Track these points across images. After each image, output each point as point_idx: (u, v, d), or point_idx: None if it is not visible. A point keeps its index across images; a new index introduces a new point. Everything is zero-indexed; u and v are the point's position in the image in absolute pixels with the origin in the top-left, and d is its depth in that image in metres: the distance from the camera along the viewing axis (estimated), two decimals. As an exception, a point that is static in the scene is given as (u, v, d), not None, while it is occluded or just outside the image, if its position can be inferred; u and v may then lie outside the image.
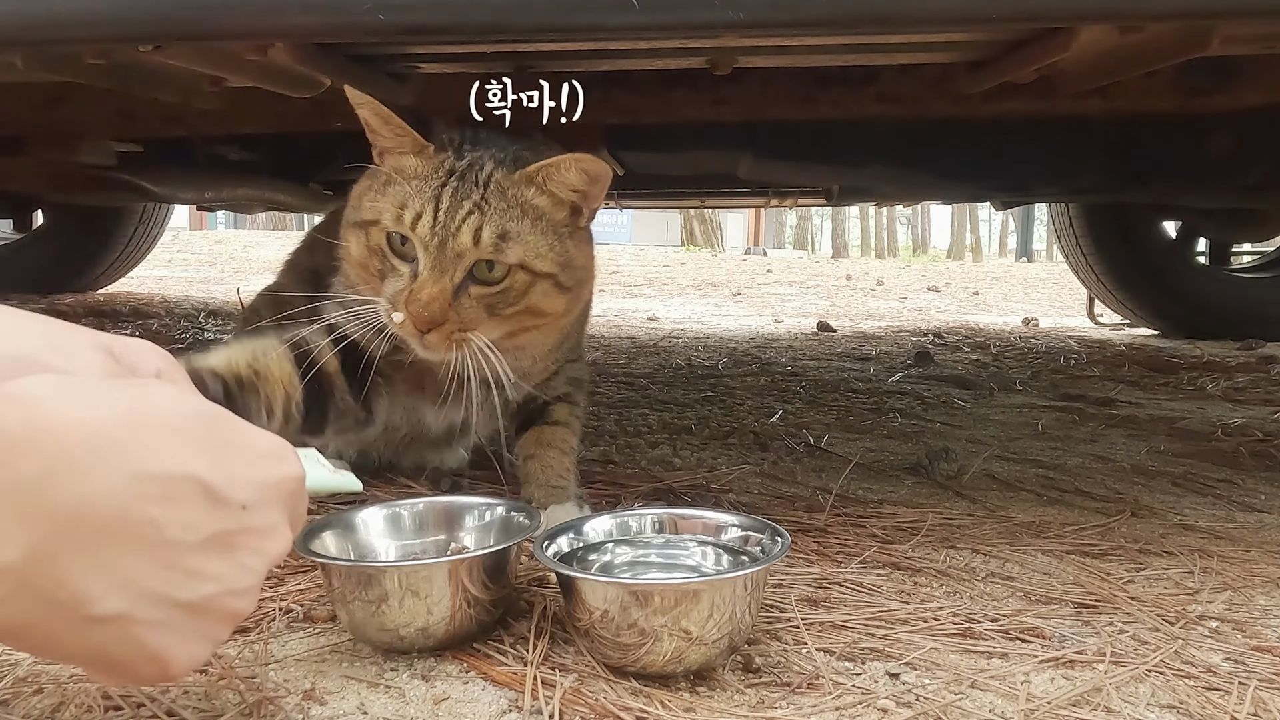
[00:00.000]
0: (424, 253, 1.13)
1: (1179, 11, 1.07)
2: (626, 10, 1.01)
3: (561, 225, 1.18)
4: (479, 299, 1.14)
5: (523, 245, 1.14)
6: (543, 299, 1.18)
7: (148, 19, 1.06)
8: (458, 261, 1.12)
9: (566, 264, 1.18)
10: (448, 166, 1.16)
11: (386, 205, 1.15)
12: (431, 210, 1.12)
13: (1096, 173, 2.55)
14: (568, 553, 1.07)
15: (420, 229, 1.12)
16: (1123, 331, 4.62)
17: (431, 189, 1.14)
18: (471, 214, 1.12)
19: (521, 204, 1.15)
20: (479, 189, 1.14)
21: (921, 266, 13.38)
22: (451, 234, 1.11)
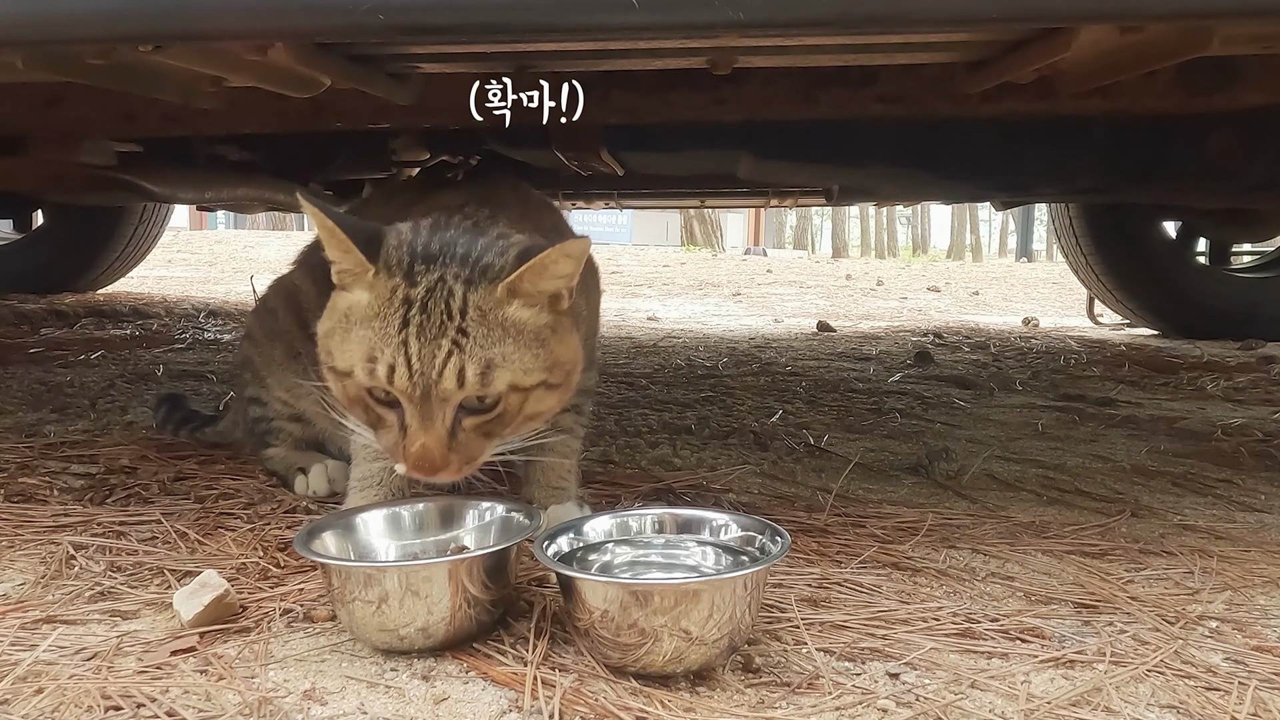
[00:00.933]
0: (407, 403, 1.03)
1: (1179, 11, 1.07)
2: (626, 10, 1.01)
3: (545, 328, 1.08)
4: (475, 429, 1.06)
5: (510, 369, 1.04)
6: (538, 405, 1.10)
7: (148, 19, 1.06)
8: (444, 405, 1.03)
9: (554, 364, 1.09)
10: (402, 296, 1.03)
11: (355, 356, 1.04)
12: (403, 360, 1.01)
13: (1096, 173, 2.55)
14: (568, 553, 1.07)
15: (398, 382, 1.01)
16: (1123, 331, 4.61)
17: (395, 330, 1.02)
18: (451, 354, 1.01)
19: (503, 324, 1.05)
20: (454, 320, 1.02)
21: (921, 266, 13.38)
22: (433, 381, 1.01)
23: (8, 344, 3.22)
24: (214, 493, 1.50)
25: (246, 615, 1.05)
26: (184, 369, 2.83)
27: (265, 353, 1.58)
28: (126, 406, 2.20)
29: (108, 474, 1.60)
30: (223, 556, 1.23)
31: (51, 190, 3.41)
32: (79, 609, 1.07)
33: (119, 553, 1.24)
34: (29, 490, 1.49)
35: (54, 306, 4.10)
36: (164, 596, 1.10)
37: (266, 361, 1.57)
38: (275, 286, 1.67)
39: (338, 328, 1.08)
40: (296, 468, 1.52)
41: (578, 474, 1.45)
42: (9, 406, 2.17)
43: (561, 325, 1.11)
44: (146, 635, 1.01)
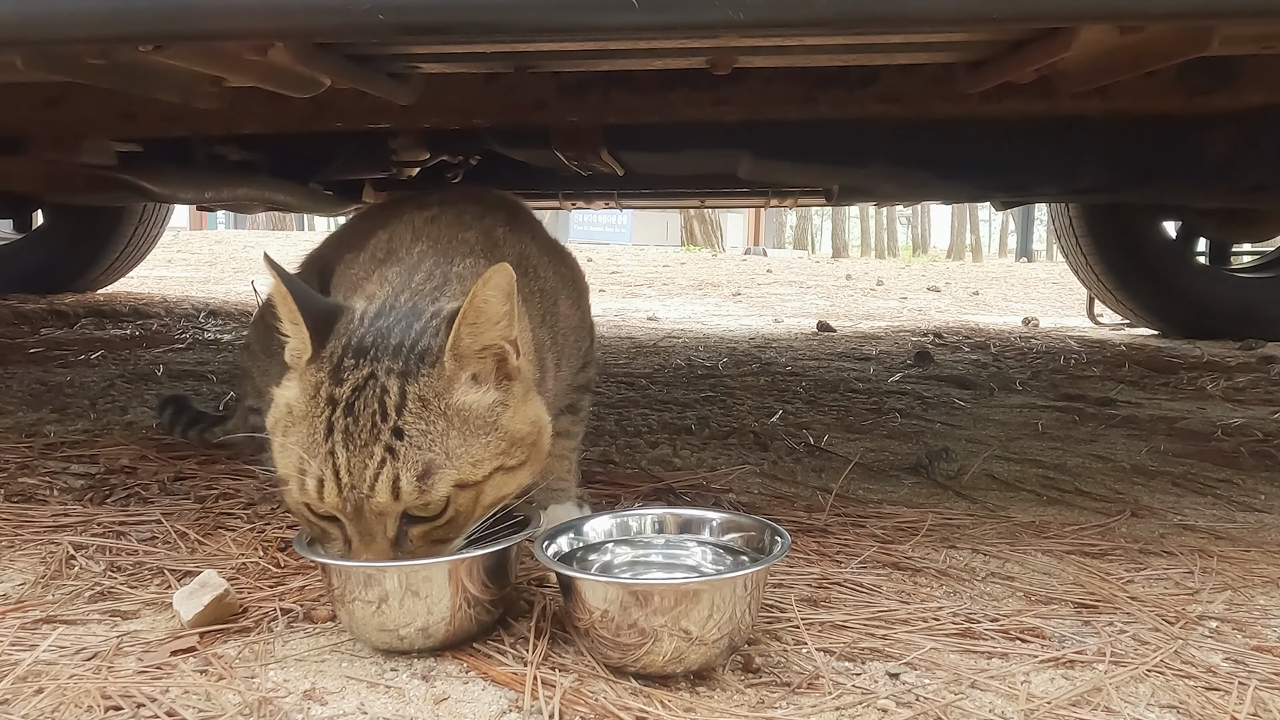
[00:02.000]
0: (344, 519, 0.94)
1: (1179, 11, 1.07)
2: (626, 10, 1.01)
3: (495, 406, 0.97)
4: (423, 536, 0.95)
5: (455, 467, 0.93)
6: (499, 491, 0.98)
7: (148, 19, 1.06)
8: (383, 519, 0.93)
9: (512, 444, 0.97)
10: (325, 395, 0.94)
11: (289, 466, 0.94)
12: (331, 472, 0.91)
13: (1096, 173, 2.55)
14: (568, 553, 1.07)
15: (328, 499, 0.92)
16: (1123, 331, 4.61)
17: (320, 438, 0.92)
18: (384, 463, 0.90)
19: (447, 414, 0.93)
20: (388, 420, 0.92)
21: (921, 266, 13.38)
22: (365, 495, 0.91)
23: (8, 344, 3.22)
24: (214, 493, 1.50)
25: (246, 615, 1.05)
26: (184, 369, 2.83)
27: (263, 366, 1.59)
28: (126, 406, 2.20)
29: (108, 474, 1.60)
30: (223, 556, 1.23)
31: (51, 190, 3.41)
32: (79, 609, 1.07)
33: (119, 553, 1.24)
34: (29, 490, 1.49)
35: (54, 306, 4.11)
36: (164, 596, 1.10)
37: (264, 376, 1.58)
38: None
39: (279, 424, 0.97)
40: (296, 468, 1.52)
41: (577, 474, 1.45)
42: (9, 406, 2.17)
43: (513, 396, 0.99)
44: (146, 635, 1.01)
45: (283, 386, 0.99)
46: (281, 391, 0.99)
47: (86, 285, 4.90)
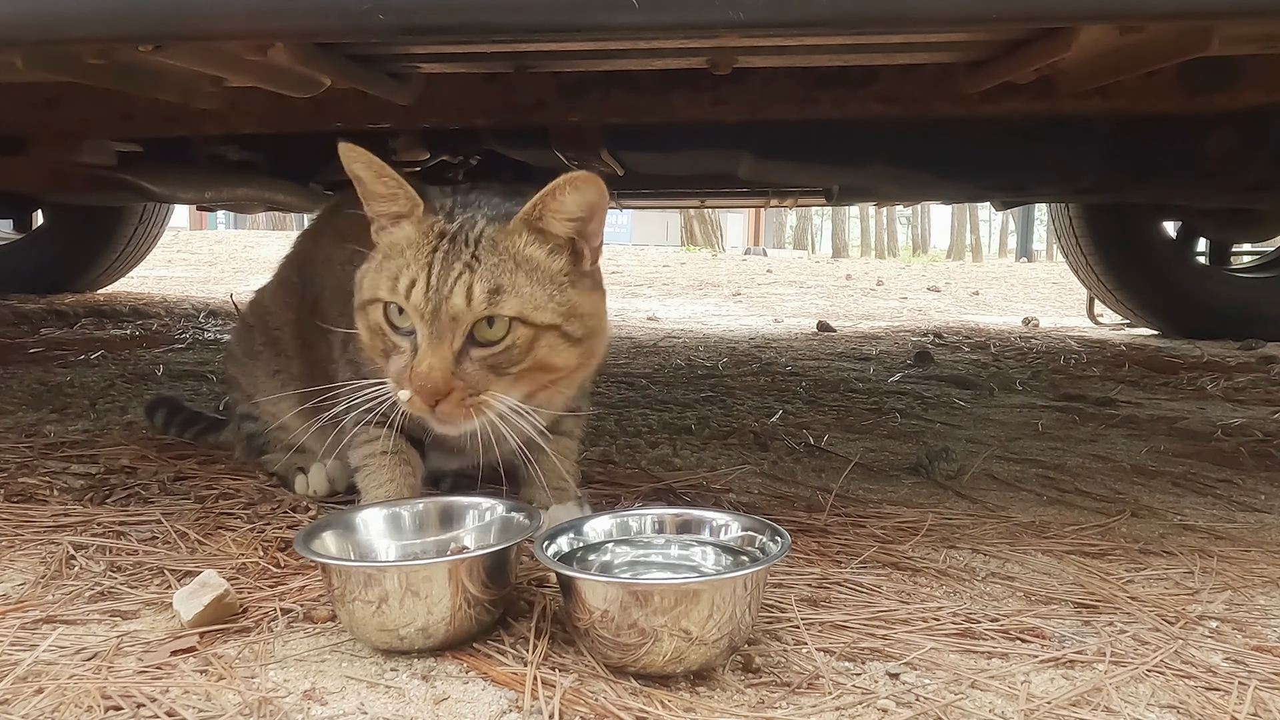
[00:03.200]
0: (420, 321, 1.08)
1: (1179, 11, 1.07)
2: (626, 10, 1.01)
3: (560, 274, 1.12)
4: (481, 361, 1.08)
5: (518, 298, 1.08)
6: (550, 353, 1.12)
7: (148, 19, 1.06)
8: (454, 326, 1.07)
9: (570, 313, 1.12)
10: (438, 230, 1.11)
11: (383, 279, 1.11)
12: (424, 277, 1.08)
13: (1096, 173, 2.55)
14: (568, 553, 1.07)
15: (414, 297, 1.08)
16: (1123, 331, 4.61)
17: (424, 256, 1.09)
18: (462, 274, 1.07)
19: (514, 255, 1.10)
20: (469, 248, 1.09)
21: (921, 266, 13.38)
22: (444, 298, 1.07)
23: (8, 344, 3.22)
24: (214, 493, 1.50)
25: (246, 615, 1.05)
26: (184, 369, 2.83)
27: (248, 370, 1.59)
28: (126, 406, 2.20)
29: (108, 474, 1.60)
30: (223, 556, 1.23)
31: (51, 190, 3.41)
32: (79, 609, 1.07)
33: (119, 553, 1.24)
34: (29, 490, 1.49)
35: (54, 306, 4.11)
36: (164, 596, 1.10)
37: (250, 379, 1.59)
38: (254, 305, 1.69)
39: (372, 266, 1.15)
40: (296, 468, 1.52)
41: (577, 474, 1.45)
42: (9, 406, 2.17)
43: (582, 282, 1.15)
44: (146, 635, 1.01)
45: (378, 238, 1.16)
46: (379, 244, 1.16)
47: (86, 285, 4.90)
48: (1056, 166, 2.60)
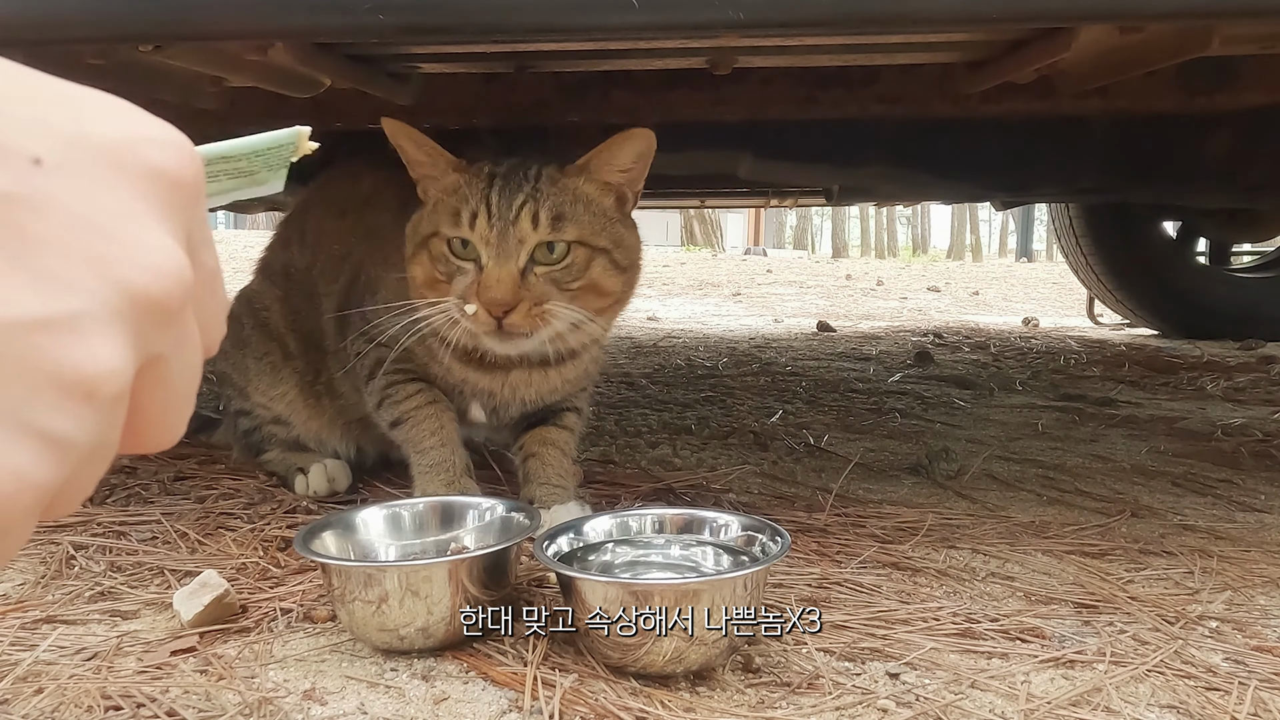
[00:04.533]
0: (485, 247, 1.18)
1: (1179, 11, 1.07)
2: (626, 10, 1.01)
3: (610, 211, 1.26)
4: (544, 276, 1.20)
5: (578, 224, 1.20)
6: (603, 276, 1.24)
7: (147, 19, 1.06)
8: (520, 247, 1.18)
9: (619, 243, 1.25)
10: (488, 172, 1.22)
11: (442, 216, 1.22)
12: (485, 209, 1.18)
13: (1096, 173, 2.55)
14: (568, 553, 1.07)
15: (479, 227, 1.18)
16: (1123, 331, 4.61)
17: (480, 192, 1.20)
18: (526, 203, 1.18)
19: (573, 191, 1.22)
20: (529, 183, 1.20)
21: (921, 266, 13.38)
22: (510, 222, 1.17)
23: (8, 344, 3.22)
24: (214, 493, 1.50)
25: (246, 615, 1.05)
26: (184, 369, 2.83)
27: (238, 363, 1.60)
28: (126, 406, 2.20)
29: (108, 474, 1.60)
30: (223, 556, 1.23)
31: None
32: (79, 609, 1.07)
33: (119, 553, 1.24)
34: (29, 490, 1.49)
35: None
36: (164, 596, 1.10)
37: (241, 371, 1.59)
38: (239, 297, 1.70)
39: (423, 213, 1.26)
40: (296, 468, 1.53)
41: (577, 473, 1.45)
42: (9, 406, 2.17)
43: (626, 222, 1.28)
44: (146, 635, 1.01)
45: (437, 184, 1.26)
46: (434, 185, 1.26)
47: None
48: (1056, 166, 2.60)
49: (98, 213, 0.30)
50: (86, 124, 0.32)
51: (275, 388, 1.55)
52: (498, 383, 1.35)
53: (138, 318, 0.29)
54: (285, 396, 1.55)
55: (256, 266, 1.69)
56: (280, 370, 1.56)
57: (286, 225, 1.72)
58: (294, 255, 1.61)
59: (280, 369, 1.56)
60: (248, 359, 1.59)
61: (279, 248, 1.67)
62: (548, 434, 1.43)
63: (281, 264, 1.63)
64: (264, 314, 1.60)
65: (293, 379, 1.56)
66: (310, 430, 1.57)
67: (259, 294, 1.63)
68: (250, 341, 1.59)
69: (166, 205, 0.32)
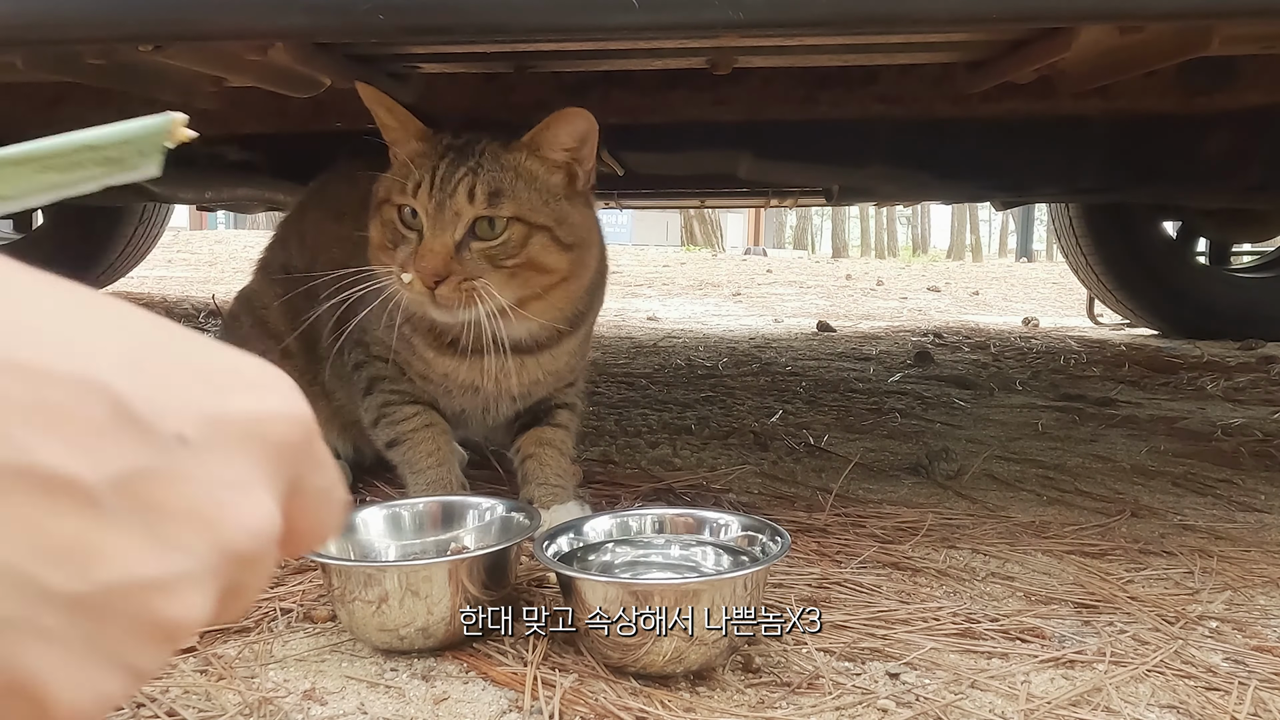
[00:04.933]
0: (425, 216, 1.20)
1: (1179, 11, 1.07)
2: (626, 10, 1.01)
3: (557, 188, 1.25)
4: (479, 252, 1.21)
5: (516, 201, 1.21)
6: (542, 253, 1.24)
7: (148, 19, 1.06)
8: (456, 220, 1.19)
9: (562, 220, 1.25)
10: (445, 143, 1.24)
11: (395, 184, 1.24)
12: (429, 178, 1.20)
13: (1096, 173, 2.55)
14: (568, 553, 1.07)
15: (420, 195, 1.21)
16: (1123, 331, 4.61)
17: (431, 162, 1.22)
18: (465, 176, 1.20)
19: (515, 168, 1.23)
20: (474, 158, 1.22)
21: (921, 266, 13.38)
22: (449, 195, 1.19)
23: (8, 344, 3.22)
24: (214, 493, 1.50)
25: (246, 615, 1.05)
26: (184, 369, 2.82)
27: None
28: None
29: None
30: (223, 556, 1.23)
31: (51, 190, 3.40)
32: (79, 609, 1.07)
33: (119, 553, 1.24)
34: (29, 490, 1.49)
35: (54, 306, 4.10)
36: (164, 596, 1.10)
37: None
38: (239, 297, 1.71)
39: (387, 177, 1.28)
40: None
41: (577, 473, 1.45)
42: (9, 406, 2.16)
43: (576, 199, 1.28)
44: (146, 635, 1.01)
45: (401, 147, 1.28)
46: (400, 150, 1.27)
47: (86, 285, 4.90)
48: (1056, 166, 2.59)
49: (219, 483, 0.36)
50: (226, 402, 0.38)
51: None
52: (476, 371, 1.34)
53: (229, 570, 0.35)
54: None
55: (256, 266, 1.70)
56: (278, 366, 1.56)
57: (285, 226, 1.72)
58: (293, 255, 1.61)
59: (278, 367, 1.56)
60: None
61: (278, 247, 1.68)
62: (543, 434, 1.43)
63: (280, 264, 1.63)
64: (263, 312, 1.60)
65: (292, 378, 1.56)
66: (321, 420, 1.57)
67: (258, 293, 1.64)
68: (249, 340, 1.60)
69: (276, 470, 0.38)
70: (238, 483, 0.37)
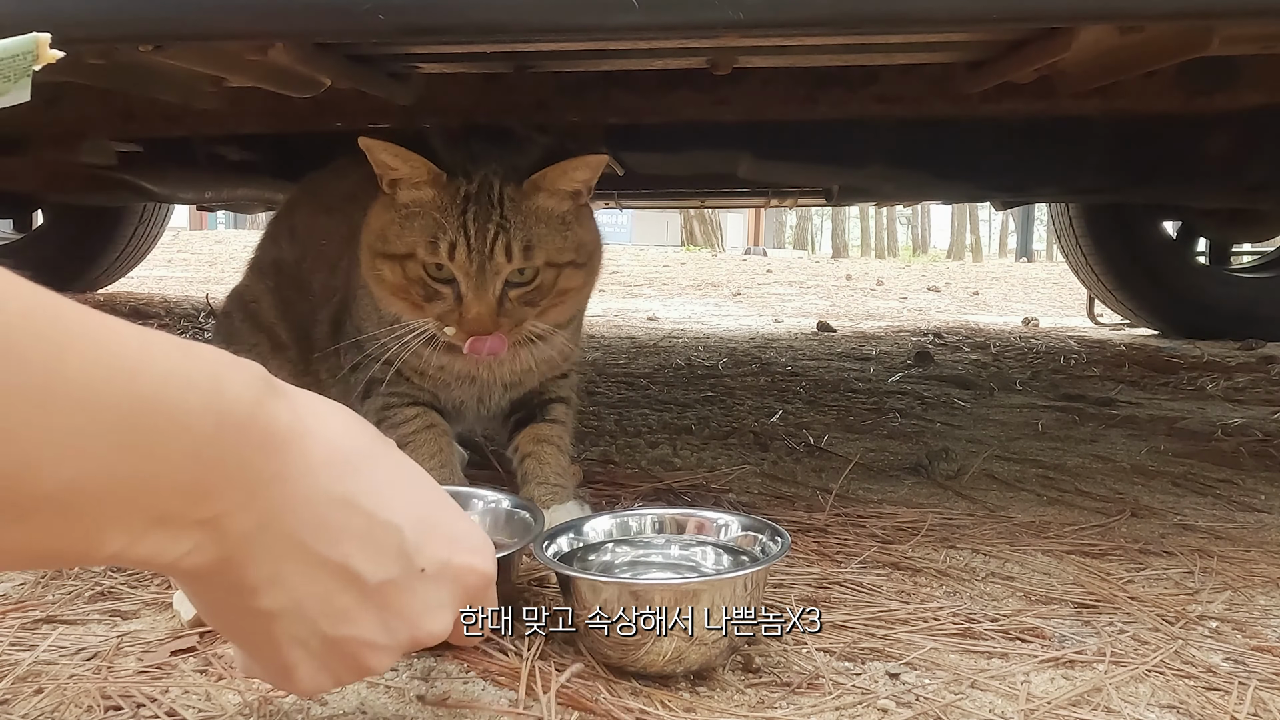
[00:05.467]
0: (465, 278, 1.22)
1: (1179, 11, 1.07)
2: (626, 10, 1.01)
3: (568, 215, 1.28)
4: (518, 299, 1.25)
5: (544, 248, 1.24)
6: (568, 281, 1.30)
7: (148, 19, 1.06)
8: (496, 278, 1.22)
9: (579, 246, 1.30)
10: (463, 193, 1.23)
11: (418, 239, 1.23)
12: (464, 240, 1.21)
13: (1096, 173, 2.55)
14: (568, 552, 1.07)
15: (458, 259, 1.21)
16: (1123, 331, 4.61)
17: (456, 219, 1.22)
18: (498, 235, 1.21)
19: (535, 211, 1.25)
20: (496, 209, 1.22)
21: (921, 266, 13.38)
22: (487, 257, 1.21)
23: (8, 344, 3.21)
24: (214, 493, 1.50)
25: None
26: (184, 369, 2.82)
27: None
28: (126, 406, 2.20)
29: (108, 474, 1.60)
30: (223, 556, 1.23)
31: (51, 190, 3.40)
32: (79, 609, 1.07)
33: (119, 553, 1.24)
34: (29, 490, 1.49)
35: (54, 306, 4.09)
36: (164, 596, 1.10)
37: None
38: (231, 295, 1.71)
39: (394, 220, 1.26)
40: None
41: (576, 473, 1.45)
42: (9, 406, 2.16)
43: (581, 214, 1.31)
44: (146, 635, 1.01)
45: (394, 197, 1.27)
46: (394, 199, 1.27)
47: (86, 285, 4.90)
48: (1056, 166, 2.60)
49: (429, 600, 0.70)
50: (453, 556, 0.71)
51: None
52: (471, 363, 1.37)
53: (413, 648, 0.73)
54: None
55: (247, 266, 1.69)
56: (269, 361, 1.56)
57: (275, 223, 1.73)
58: (284, 250, 1.62)
59: (269, 360, 1.56)
60: (239, 353, 1.59)
61: (269, 244, 1.68)
62: (539, 431, 1.43)
63: (271, 259, 1.63)
64: (253, 305, 1.60)
65: (284, 369, 1.56)
66: None
67: (248, 288, 1.64)
68: (240, 334, 1.60)
69: (462, 601, 0.75)
70: (440, 605, 0.71)
